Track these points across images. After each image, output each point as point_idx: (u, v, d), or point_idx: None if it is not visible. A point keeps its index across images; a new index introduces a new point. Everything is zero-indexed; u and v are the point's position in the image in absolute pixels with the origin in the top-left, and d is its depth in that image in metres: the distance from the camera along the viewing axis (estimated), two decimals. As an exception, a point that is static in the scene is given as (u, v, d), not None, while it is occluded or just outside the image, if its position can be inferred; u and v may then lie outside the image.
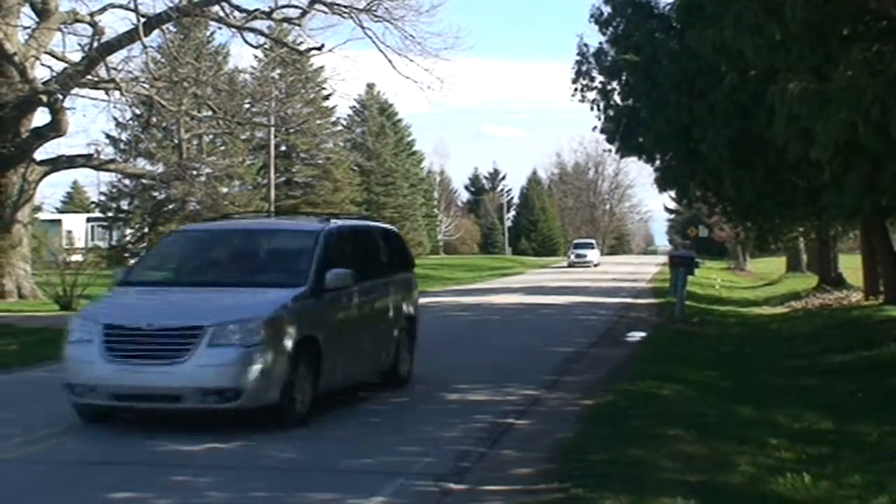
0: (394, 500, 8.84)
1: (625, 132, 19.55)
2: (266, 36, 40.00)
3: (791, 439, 12.27)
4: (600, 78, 19.99)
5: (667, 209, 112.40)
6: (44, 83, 36.38)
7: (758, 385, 17.05)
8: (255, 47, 42.33)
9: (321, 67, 64.98)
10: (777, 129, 13.07)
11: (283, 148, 63.45)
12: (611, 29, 20.07)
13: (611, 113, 19.65)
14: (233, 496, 9.02)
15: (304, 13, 37.51)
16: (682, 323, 27.49)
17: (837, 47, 11.95)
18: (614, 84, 18.99)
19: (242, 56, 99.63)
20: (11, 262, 36.48)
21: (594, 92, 19.79)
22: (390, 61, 37.53)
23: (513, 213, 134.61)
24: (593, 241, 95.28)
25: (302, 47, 42.41)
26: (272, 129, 50.59)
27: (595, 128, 19.92)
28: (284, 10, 37.62)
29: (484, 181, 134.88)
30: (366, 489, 9.11)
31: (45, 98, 36.18)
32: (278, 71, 57.18)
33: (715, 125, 16.13)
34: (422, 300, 38.45)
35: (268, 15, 37.39)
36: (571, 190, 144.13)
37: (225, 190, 56.53)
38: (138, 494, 9.00)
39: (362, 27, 37.22)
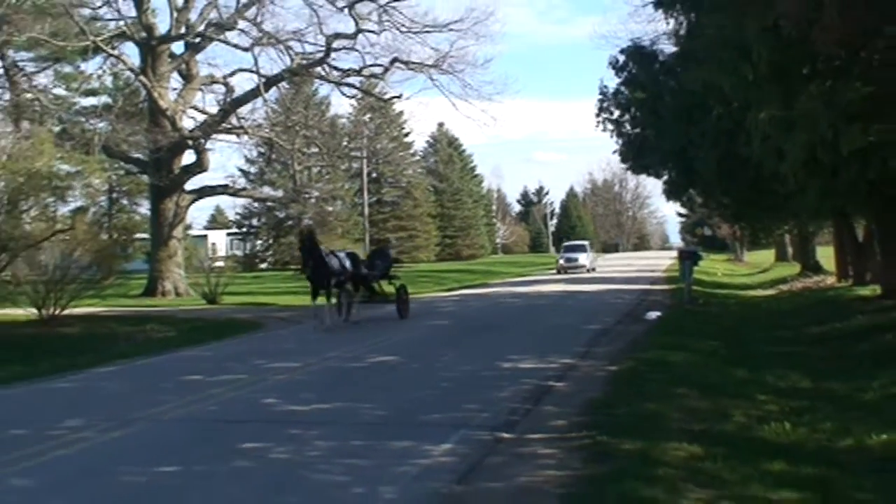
0: (458, 447, 8.71)
1: (635, 154, 19.32)
2: (358, 88, 40.14)
3: (776, 395, 12.02)
4: (616, 112, 19.78)
5: (678, 213, 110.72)
6: (189, 131, 36.86)
7: (751, 352, 16.72)
8: (350, 97, 42.64)
9: (402, 111, 65.43)
10: (753, 149, 12.91)
11: (373, 175, 63.52)
12: (625, 73, 19.82)
13: (624, 139, 19.41)
14: (336, 444, 8.94)
15: (386, 70, 37.58)
16: (690, 304, 27.11)
17: (798, 83, 11.72)
18: (626, 116, 18.75)
19: (341, 104, 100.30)
20: (169, 269, 37.06)
21: (612, 123, 19.56)
22: (454, 104, 37.54)
23: (555, 220, 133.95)
24: (586, 243, 68.84)
25: (386, 96, 42.54)
26: (364, 161, 50.64)
27: (614, 151, 19.75)
28: (371, 68, 37.70)
29: (532, 196, 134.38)
30: (437, 438, 9.01)
31: (190, 142, 36.66)
32: (369, 115, 57.48)
33: (706, 147, 15.88)
34: (483, 290, 38.61)
35: (358, 72, 37.51)
36: (601, 201, 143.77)
37: (330, 209, 56.61)
38: (262, 444, 8.95)
39: (431, 79, 37.29)
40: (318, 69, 38.12)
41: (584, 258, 57.84)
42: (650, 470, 7.65)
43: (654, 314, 23.75)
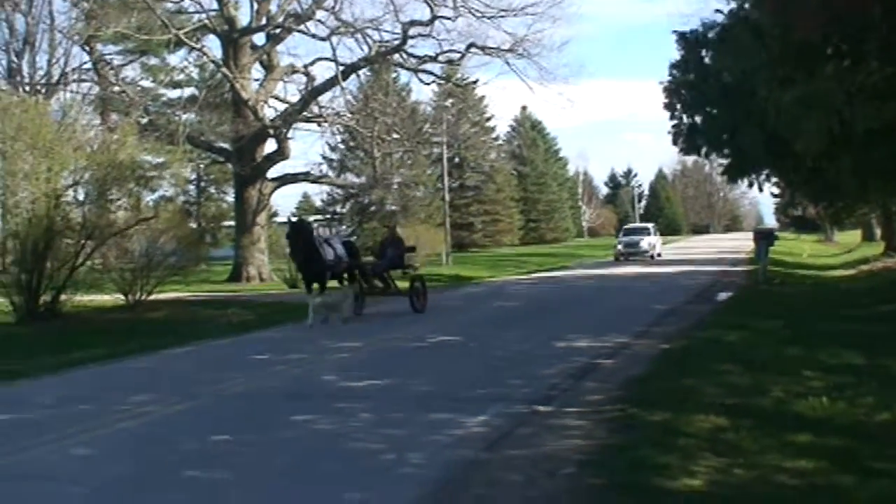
0: (493, 419, 9.15)
1: (686, 136, 19.36)
2: (434, 75, 40.52)
3: (824, 372, 12.00)
4: (665, 95, 19.76)
5: (772, 194, 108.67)
6: (271, 120, 37.76)
7: (812, 331, 16.58)
8: (427, 84, 43.14)
9: (483, 96, 65.85)
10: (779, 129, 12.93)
11: (456, 160, 64.02)
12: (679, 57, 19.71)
13: (676, 122, 19.46)
14: (378, 417, 9.46)
15: (462, 56, 37.96)
16: (765, 284, 27.00)
17: (816, 63, 11.66)
18: (675, 99, 18.79)
19: (424, 90, 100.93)
20: (253, 255, 38.12)
21: (666, 106, 19.58)
22: (530, 88, 37.79)
23: (644, 202, 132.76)
24: (650, 225, 59.60)
25: (463, 82, 43.00)
26: (444, 146, 51.14)
27: (668, 132, 19.84)
28: (447, 54, 38.09)
29: (620, 178, 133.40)
30: (475, 411, 9.45)
31: (272, 131, 37.58)
32: (450, 100, 57.94)
33: (751, 129, 15.84)
34: (560, 273, 38.83)
35: (434, 59, 37.94)
36: (692, 182, 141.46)
37: (414, 194, 57.34)
38: (310, 416, 9.51)
39: (508, 63, 37.54)
40: (395, 56, 38.66)
41: (646, 243, 50.23)
42: (670, 439, 7.98)
43: (725, 294, 23.76)
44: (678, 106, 18.49)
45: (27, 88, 38.13)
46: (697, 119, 18.61)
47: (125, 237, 24.64)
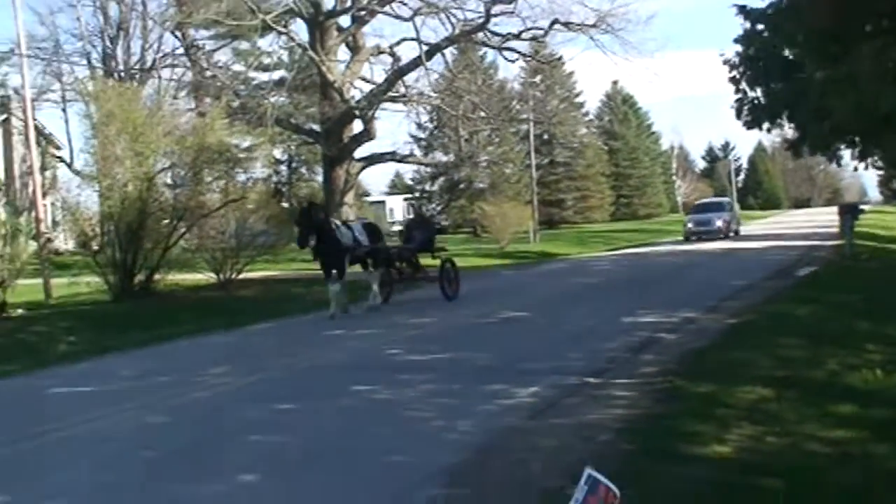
0: (544, 390, 9.54)
1: (749, 111, 19.25)
2: (518, 52, 40.61)
3: (888, 346, 12.02)
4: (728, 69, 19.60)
5: (874, 166, 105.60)
6: (357, 101, 38.44)
7: (888, 305, 16.56)
8: (512, 62, 43.31)
9: (572, 72, 65.69)
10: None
11: (545, 136, 64.07)
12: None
13: (739, 95, 19.34)
14: (436, 387, 9.96)
15: (546, 33, 38.01)
16: (850, 259, 26.66)
17: (852, 43, 11.56)
18: (739, 75, 18.65)
19: (512, 67, 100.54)
20: (341, 234, 38.92)
21: (731, 81, 19.47)
22: (615, 63, 37.74)
23: (742, 176, 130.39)
24: (725, 200, 54.07)
25: (549, 59, 43.06)
26: (531, 123, 51.30)
27: (731, 106, 19.73)
28: (531, 31, 38.16)
29: (717, 152, 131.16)
30: (528, 382, 9.84)
31: (358, 112, 38.26)
32: (539, 77, 58.02)
33: (806, 104, 15.74)
34: (647, 249, 38.71)
35: (517, 37, 38.05)
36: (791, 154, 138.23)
37: (501, 171, 57.69)
38: (370, 387, 10.04)
39: (592, 39, 37.46)
40: (479, 35, 38.91)
41: (720, 220, 44.64)
42: (710, 409, 8.27)
43: (807, 270, 23.55)
44: (742, 80, 18.46)
45: (122, 74, 39.54)
46: (759, 93, 18.58)
47: (215, 218, 25.54)
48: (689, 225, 45.34)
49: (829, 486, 6.27)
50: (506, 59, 41.42)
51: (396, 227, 64.28)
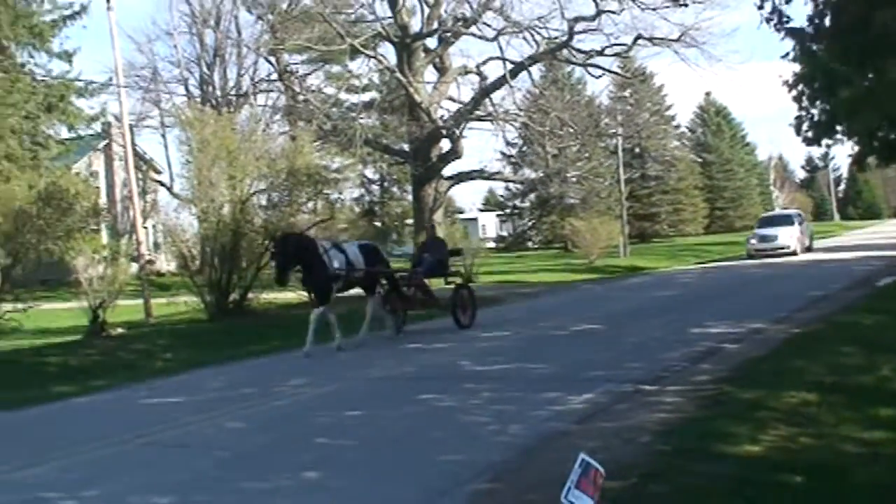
0: (597, 396, 10.03)
1: (810, 127, 19.30)
2: (603, 68, 40.98)
3: (948, 353, 12.23)
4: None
5: None
6: (444, 121, 39.33)
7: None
8: (597, 77, 43.67)
9: (662, 85, 65.66)
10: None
11: (636, 150, 64.09)
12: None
13: (800, 114, 19.39)
14: (495, 395, 10.52)
15: (629, 48, 38.41)
16: (941, 269, 26.21)
17: None
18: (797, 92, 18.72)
19: (599, 82, 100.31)
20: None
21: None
22: (700, 77, 37.87)
23: (842, 186, 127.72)
24: (793, 212, 47.55)
25: (634, 74, 43.33)
26: (620, 138, 51.49)
27: (789, 124, 19.82)
28: (614, 47, 38.59)
29: (817, 161, 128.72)
30: (583, 390, 10.34)
31: (445, 132, 39.13)
32: (628, 90, 58.18)
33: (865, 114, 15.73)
34: (738, 262, 38.39)
35: (600, 53, 38.51)
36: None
37: (591, 186, 57.85)
38: (435, 395, 10.70)
39: (676, 53, 37.67)
40: (563, 52, 39.47)
41: (787, 236, 39.71)
42: (750, 413, 8.67)
43: (887, 280, 23.39)
44: (802, 98, 18.60)
45: (218, 100, 41.14)
46: (816, 110, 18.69)
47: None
48: (753, 241, 40.79)
49: (851, 484, 6.57)
50: (591, 74, 41.94)
51: (489, 245, 65.17)
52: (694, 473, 6.87)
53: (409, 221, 53.92)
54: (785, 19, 15.79)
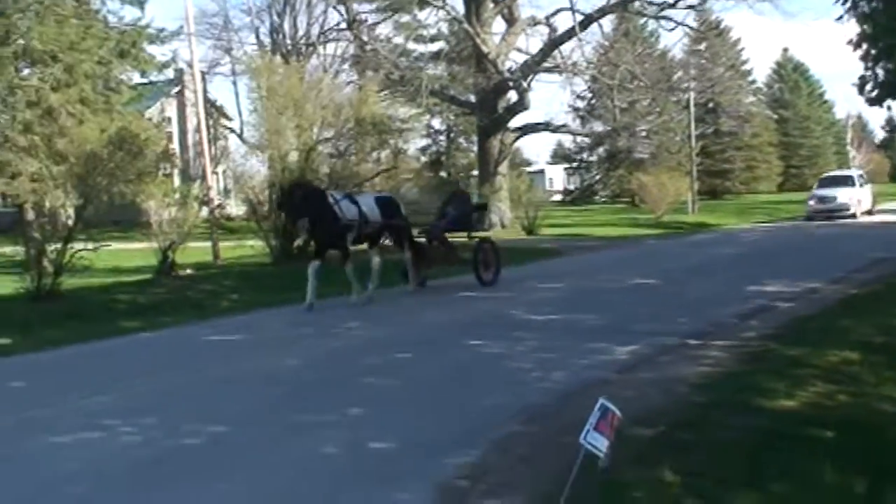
0: (642, 348, 10.27)
1: (874, 87, 18.95)
2: (676, 21, 40.46)
3: None
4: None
5: None
6: (511, 72, 39.27)
7: None
8: (669, 31, 43.19)
9: (738, 39, 64.58)
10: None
11: (709, 105, 63.19)
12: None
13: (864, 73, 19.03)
14: (542, 343, 10.82)
15: (702, 1, 37.94)
16: None
17: None
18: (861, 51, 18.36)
19: (674, 35, 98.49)
20: (495, 203, 39.92)
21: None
22: (778, 33, 37.24)
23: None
24: (853, 173, 45.53)
25: (707, 27, 42.73)
26: (691, 92, 50.81)
27: (852, 84, 19.40)
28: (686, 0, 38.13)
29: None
30: (629, 342, 10.57)
31: (512, 83, 39.08)
32: (704, 44, 57.35)
33: None
34: (806, 221, 37.83)
35: (672, 5, 38.04)
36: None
37: (660, 141, 57.37)
38: (483, 342, 11.06)
39: (751, 7, 37.18)
40: (636, 4, 39.09)
41: (846, 196, 38.46)
42: (791, 370, 8.82)
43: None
44: (868, 58, 18.29)
45: (288, 48, 41.57)
46: (879, 70, 18.38)
47: (368, 187, 26.94)
48: (812, 202, 39.67)
49: (883, 441, 6.68)
50: (663, 28, 41.47)
51: (556, 198, 65.03)
52: (724, 425, 7.07)
53: (475, 172, 54.14)
54: None
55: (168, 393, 9.12)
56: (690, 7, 39.19)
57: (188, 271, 21.88)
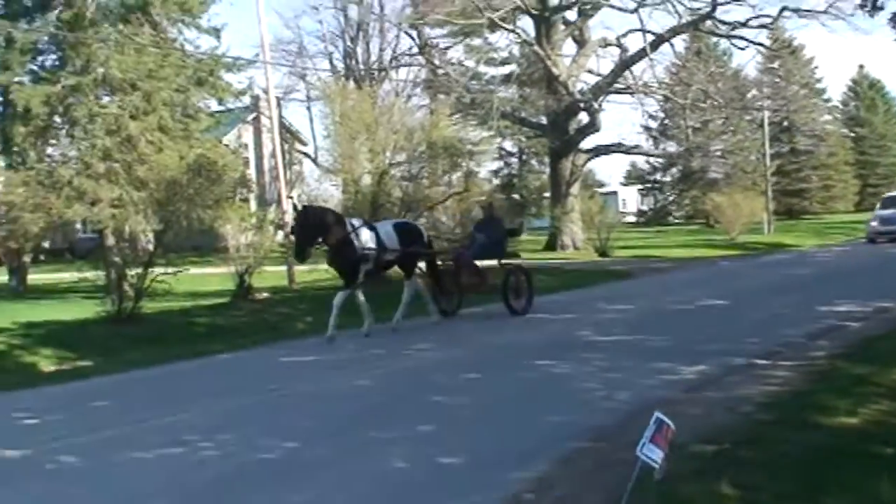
0: (709, 368, 10.38)
1: None
2: (748, 40, 40.25)
3: None
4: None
5: None
6: (581, 94, 39.46)
7: None
8: (742, 49, 43.02)
9: (812, 57, 63.87)
10: None
11: (784, 124, 62.56)
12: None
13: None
14: (609, 364, 10.99)
15: (774, 20, 37.72)
16: None
17: None
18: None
19: (747, 54, 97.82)
20: (566, 224, 40.07)
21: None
22: (852, 50, 36.84)
23: None
24: None
25: (775, 46, 42.50)
26: (765, 111, 50.39)
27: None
28: (760, 18, 37.93)
29: None
30: (696, 362, 10.67)
31: (583, 105, 39.25)
32: (777, 62, 56.84)
33: None
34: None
35: (744, 25, 37.91)
36: None
37: (734, 161, 56.88)
38: (551, 362, 11.29)
39: (824, 25, 36.80)
40: (707, 24, 39.01)
41: None
42: (855, 388, 8.87)
43: None
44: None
45: (361, 73, 42.28)
46: None
47: (440, 210, 27.29)
48: (874, 223, 37.30)
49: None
50: (735, 46, 41.32)
51: (629, 219, 64.77)
52: (786, 442, 7.19)
53: (547, 194, 54.30)
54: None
55: (245, 411, 9.51)
56: (763, 27, 38.98)
57: (264, 295, 22.39)
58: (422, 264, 17.15)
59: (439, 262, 17.55)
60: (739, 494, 5.82)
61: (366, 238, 15.64)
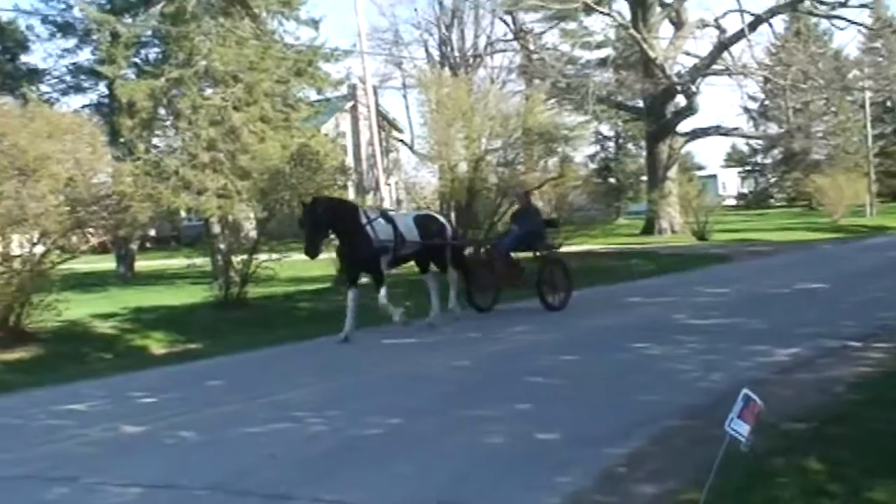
0: (803, 351, 10.53)
1: None
2: (846, 20, 39.42)
3: None
4: None
5: None
6: (678, 76, 39.19)
7: None
8: (842, 29, 42.14)
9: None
10: None
11: (888, 104, 60.88)
12: None
13: None
14: (703, 346, 11.22)
15: (875, -1, 36.96)
16: None
17: None
18: None
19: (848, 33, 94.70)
20: (664, 208, 39.92)
21: None
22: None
23: None
24: None
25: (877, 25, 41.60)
26: (867, 91, 49.19)
27: None
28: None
29: None
30: (791, 345, 10.84)
31: (680, 87, 39.00)
32: (880, 42, 55.36)
33: None
34: None
35: (843, 4, 37.19)
36: None
37: (836, 142, 55.66)
38: (646, 344, 11.56)
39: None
40: (806, 4, 38.39)
41: None
42: (949, 369, 8.98)
43: None
44: None
45: (456, 60, 42.66)
46: None
47: (538, 195, 27.47)
48: None
49: None
50: (836, 27, 40.53)
51: (730, 202, 63.93)
52: (875, 419, 7.35)
53: (644, 178, 53.97)
54: None
55: (349, 389, 9.99)
56: (863, 6, 38.23)
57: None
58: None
59: (468, 253, 17.06)
60: (826, 469, 6.02)
61: (381, 230, 14.75)
